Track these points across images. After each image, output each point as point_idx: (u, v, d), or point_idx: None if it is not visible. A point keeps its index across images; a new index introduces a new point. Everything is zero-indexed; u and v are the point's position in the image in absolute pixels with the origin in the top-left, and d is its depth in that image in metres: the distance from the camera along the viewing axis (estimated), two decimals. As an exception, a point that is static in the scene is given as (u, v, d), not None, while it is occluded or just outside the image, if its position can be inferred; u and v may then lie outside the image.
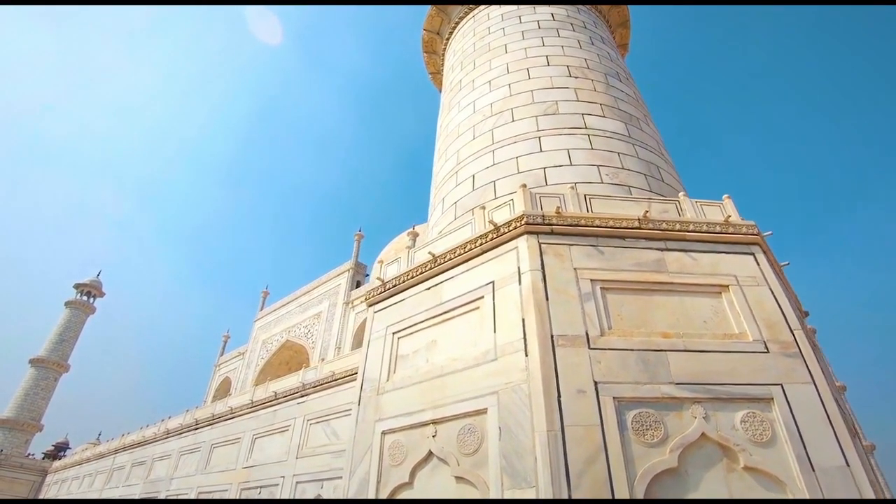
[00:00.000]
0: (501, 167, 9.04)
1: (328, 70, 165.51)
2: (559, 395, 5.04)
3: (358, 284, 27.26)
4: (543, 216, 6.54)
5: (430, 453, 5.65)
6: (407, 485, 5.69)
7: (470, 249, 6.84)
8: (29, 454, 36.42)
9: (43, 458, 35.22)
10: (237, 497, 13.11)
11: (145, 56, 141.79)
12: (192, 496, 15.25)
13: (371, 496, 5.89)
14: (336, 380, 11.78)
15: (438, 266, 7.13)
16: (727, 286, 6.30)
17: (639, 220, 6.73)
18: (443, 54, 16.07)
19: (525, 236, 6.37)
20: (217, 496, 13.99)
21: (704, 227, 6.86)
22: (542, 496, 4.49)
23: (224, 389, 32.00)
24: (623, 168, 8.87)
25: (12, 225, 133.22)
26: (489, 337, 5.88)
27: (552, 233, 6.46)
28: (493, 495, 4.85)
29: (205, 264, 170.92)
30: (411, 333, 6.94)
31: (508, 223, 6.59)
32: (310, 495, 10.91)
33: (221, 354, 35.03)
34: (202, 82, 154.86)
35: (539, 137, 9.25)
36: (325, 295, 27.64)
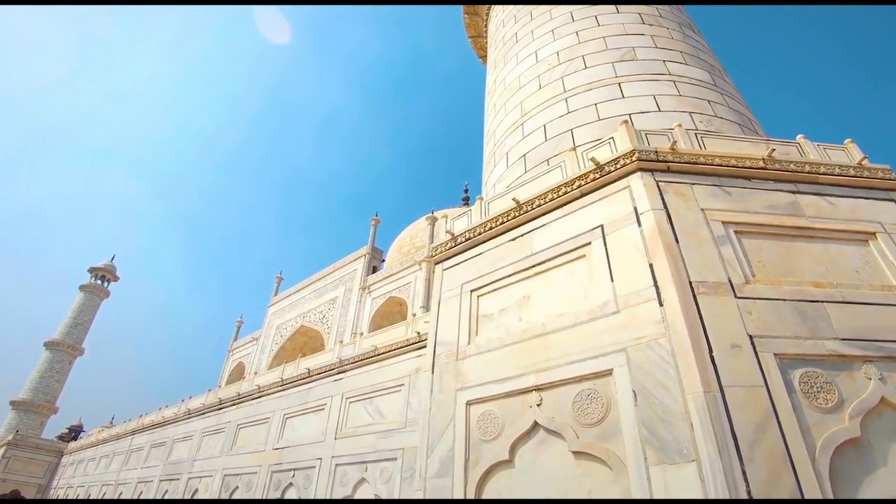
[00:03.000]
0: (578, 115, 8.07)
1: (339, 58, 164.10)
2: (710, 351, 4.12)
3: (374, 270, 26.46)
4: (657, 152, 5.59)
5: (536, 425, 4.74)
6: (506, 463, 4.78)
7: (565, 192, 5.90)
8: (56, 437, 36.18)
9: (58, 440, 34.93)
10: (268, 480, 12.34)
11: (153, 40, 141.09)
12: (218, 478, 14.54)
13: (458, 477, 5.00)
14: (379, 354, 10.90)
15: (525, 214, 6.19)
16: (874, 233, 5.43)
17: (763, 159, 5.79)
18: (486, 15, 15.04)
19: (638, 173, 5.42)
20: (246, 478, 13.24)
21: (837, 170, 5.93)
22: (709, 472, 3.57)
23: (238, 374, 31.41)
24: (716, 116, 7.88)
25: (28, 209, 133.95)
26: (605, 287, 4.95)
27: (668, 170, 5.51)
28: (632, 472, 3.94)
29: (217, 250, 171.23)
30: (495, 290, 6.02)
31: (615, 160, 5.64)
32: (352, 478, 10.08)
33: (235, 339, 34.36)
34: (214, 67, 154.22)
35: (619, 83, 8.27)
36: (341, 280, 26.83)
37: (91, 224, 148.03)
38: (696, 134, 6.10)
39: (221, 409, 16.18)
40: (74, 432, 39.92)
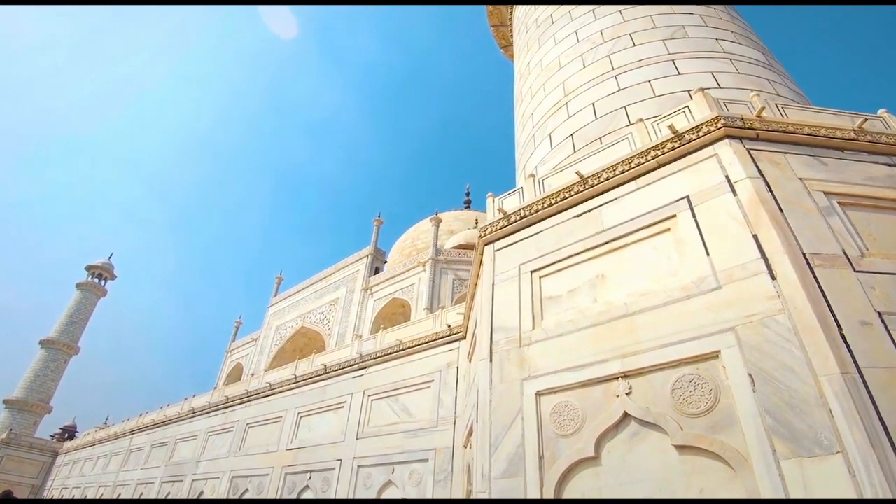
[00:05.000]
0: (631, 92, 7.61)
1: (341, 59, 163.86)
2: (839, 329, 3.62)
3: (376, 271, 25.98)
4: (743, 119, 5.11)
5: (626, 416, 4.20)
6: (592, 460, 4.22)
7: (639, 164, 5.40)
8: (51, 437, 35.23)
9: (53, 440, 34.03)
10: (281, 482, 11.70)
11: (150, 36, 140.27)
12: (225, 480, 13.87)
13: (532, 477, 4.44)
14: (404, 349, 10.34)
15: (590, 188, 5.69)
16: (982, 211, 4.89)
17: (854, 130, 5.32)
18: (510, 3, 14.61)
19: (726, 140, 4.94)
20: (256, 480, 12.59)
21: (932, 145, 5.44)
22: (860, 465, 3.04)
23: (236, 375, 30.73)
24: (777, 95, 7.43)
25: (26, 206, 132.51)
26: (699, 261, 4.44)
27: (758, 138, 5.03)
28: (758, 468, 3.39)
29: (216, 250, 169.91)
30: (560, 270, 5.50)
31: (697, 128, 5.16)
32: (376, 480, 9.48)
33: (233, 340, 33.70)
34: (214, 66, 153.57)
35: (673, 60, 7.81)
36: (343, 281, 26.30)
37: (89, 222, 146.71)
38: (776, 104, 5.63)
39: (229, 407, 15.54)
40: (68, 432, 39.06)
